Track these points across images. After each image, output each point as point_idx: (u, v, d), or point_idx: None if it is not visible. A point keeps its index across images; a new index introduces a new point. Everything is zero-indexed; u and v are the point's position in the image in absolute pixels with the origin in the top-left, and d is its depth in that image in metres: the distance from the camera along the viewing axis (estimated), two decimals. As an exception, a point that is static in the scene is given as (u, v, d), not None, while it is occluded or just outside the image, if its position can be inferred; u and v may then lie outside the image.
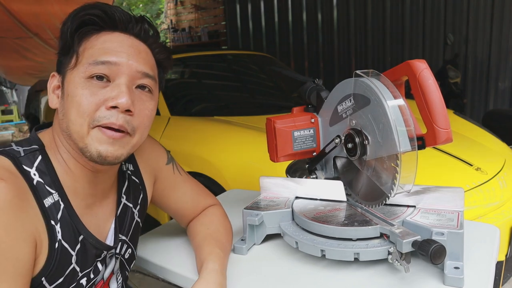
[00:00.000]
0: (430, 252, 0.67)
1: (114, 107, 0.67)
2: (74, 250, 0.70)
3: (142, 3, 12.36)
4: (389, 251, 0.75)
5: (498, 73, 4.67)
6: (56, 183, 0.69)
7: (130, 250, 0.86)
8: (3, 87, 10.44)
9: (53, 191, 0.68)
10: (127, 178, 0.86)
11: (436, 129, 0.72)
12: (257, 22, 6.50)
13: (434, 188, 0.85)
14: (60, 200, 0.69)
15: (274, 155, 0.96)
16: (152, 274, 0.94)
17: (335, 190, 0.91)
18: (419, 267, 0.77)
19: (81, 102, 0.66)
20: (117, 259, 0.83)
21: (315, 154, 0.98)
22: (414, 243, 0.70)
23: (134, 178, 0.88)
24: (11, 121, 9.97)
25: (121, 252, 0.83)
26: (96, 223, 0.77)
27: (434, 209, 0.83)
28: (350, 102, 0.83)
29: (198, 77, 3.11)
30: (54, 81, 0.73)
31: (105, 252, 0.77)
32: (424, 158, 0.82)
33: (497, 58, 4.64)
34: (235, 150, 1.90)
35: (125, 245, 0.84)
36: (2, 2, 3.81)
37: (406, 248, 0.71)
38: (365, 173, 0.83)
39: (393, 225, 0.77)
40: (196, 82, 3.08)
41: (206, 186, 1.04)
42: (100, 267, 0.77)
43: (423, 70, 0.73)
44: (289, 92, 2.93)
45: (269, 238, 0.94)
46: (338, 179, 0.93)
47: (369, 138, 0.79)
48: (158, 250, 0.96)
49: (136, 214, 0.87)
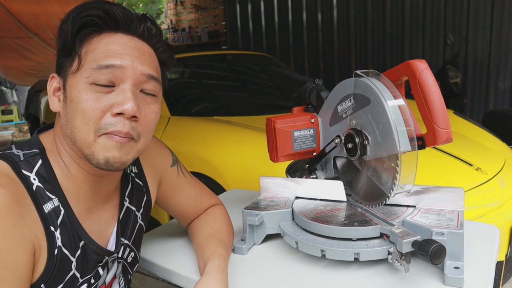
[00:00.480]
0: (430, 252, 0.67)
1: (119, 114, 0.66)
2: (74, 256, 0.69)
3: (142, 3, 12.35)
4: (389, 251, 0.75)
5: (498, 73, 4.67)
6: (56, 188, 0.68)
7: (133, 253, 0.84)
8: (3, 87, 10.44)
9: (53, 196, 0.67)
10: (131, 181, 0.85)
11: (436, 129, 0.72)
12: (257, 22, 6.50)
13: (434, 188, 0.85)
14: (60, 205, 0.67)
15: (274, 155, 0.96)
16: (152, 274, 0.94)
17: (335, 190, 0.91)
18: (419, 267, 0.77)
19: (86, 108, 0.65)
20: (119, 263, 0.82)
21: (315, 154, 0.98)
22: (414, 243, 0.70)
23: (137, 180, 0.86)
24: (11, 121, 9.97)
25: (123, 256, 0.82)
26: (98, 228, 0.75)
27: (434, 209, 0.83)
28: (350, 102, 0.83)
29: (198, 77, 3.11)
30: (54, 82, 0.71)
31: (106, 257, 0.76)
32: (424, 158, 0.82)
33: (497, 58, 4.63)
34: (235, 150, 1.89)
35: (127, 249, 0.82)
36: (2, 2, 3.81)
37: (406, 248, 0.71)
38: (365, 173, 0.83)
39: (393, 225, 0.77)
40: (196, 82, 3.08)
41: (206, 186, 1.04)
42: (101, 272, 0.76)
43: (423, 70, 0.73)
44: (289, 92, 2.92)
45: (269, 238, 0.94)
46: (338, 179, 0.93)
47: (369, 138, 0.79)
48: (159, 250, 0.96)
49: (139, 217, 0.85)
